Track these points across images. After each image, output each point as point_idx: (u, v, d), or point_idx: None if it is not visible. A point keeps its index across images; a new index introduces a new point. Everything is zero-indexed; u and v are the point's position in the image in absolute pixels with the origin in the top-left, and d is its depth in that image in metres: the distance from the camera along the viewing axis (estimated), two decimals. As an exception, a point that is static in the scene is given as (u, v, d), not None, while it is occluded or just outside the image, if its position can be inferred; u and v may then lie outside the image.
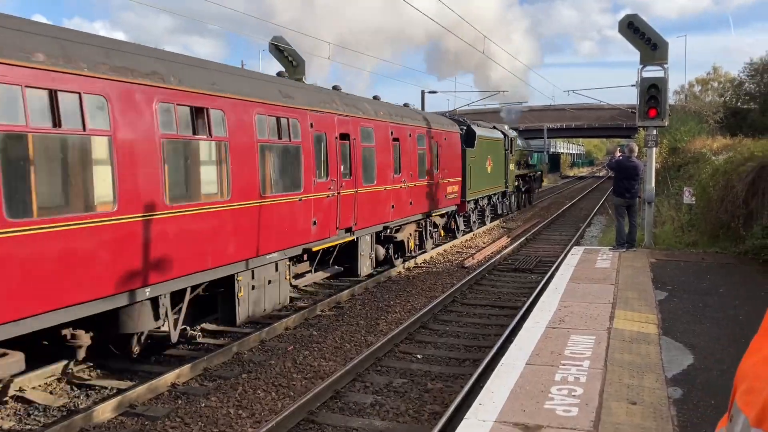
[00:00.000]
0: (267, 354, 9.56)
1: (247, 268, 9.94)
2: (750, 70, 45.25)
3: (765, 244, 12.26)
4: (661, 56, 14.41)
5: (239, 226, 9.55)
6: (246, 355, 9.48)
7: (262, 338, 10.16)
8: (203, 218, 8.78)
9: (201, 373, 8.61)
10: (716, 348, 6.77)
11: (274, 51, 17.50)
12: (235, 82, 9.95)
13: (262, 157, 10.12)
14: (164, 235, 8.01)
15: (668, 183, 24.74)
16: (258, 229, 10.04)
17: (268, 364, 8.99)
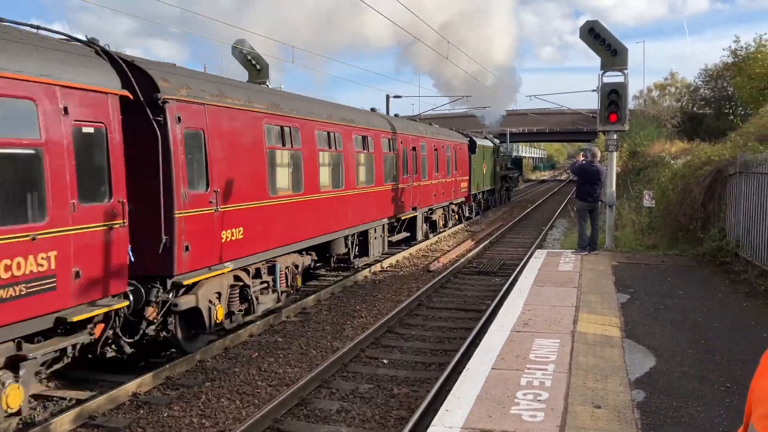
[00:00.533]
0: (231, 361, 9.42)
1: (373, 226, 16.74)
2: (705, 76, 46.42)
3: (721, 246, 12.56)
4: (621, 62, 14.67)
5: (367, 203, 16.17)
6: (210, 362, 9.33)
7: (226, 345, 10.02)
8: (359, 197, 15.50)
9: (163, 381, 8.45)
10: (677, 350, 6.89)
11: (237, 54, 17.34)
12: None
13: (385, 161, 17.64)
14: (352, 202, 15.02)
15: (629, 186, 25.21)
16: (376, 205, 17.02)
17: (233, 372, 8.86)
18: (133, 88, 7.78)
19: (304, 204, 12.40)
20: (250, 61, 16.99)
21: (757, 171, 10.87)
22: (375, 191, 16.80)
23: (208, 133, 9.09)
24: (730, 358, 6.62)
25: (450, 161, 24.96)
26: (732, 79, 39.94)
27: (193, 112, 8.78)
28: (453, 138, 26.38)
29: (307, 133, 12.59)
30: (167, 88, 8.27)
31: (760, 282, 10.29)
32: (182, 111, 8.54)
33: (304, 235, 12.46)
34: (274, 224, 11.11)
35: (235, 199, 9.69)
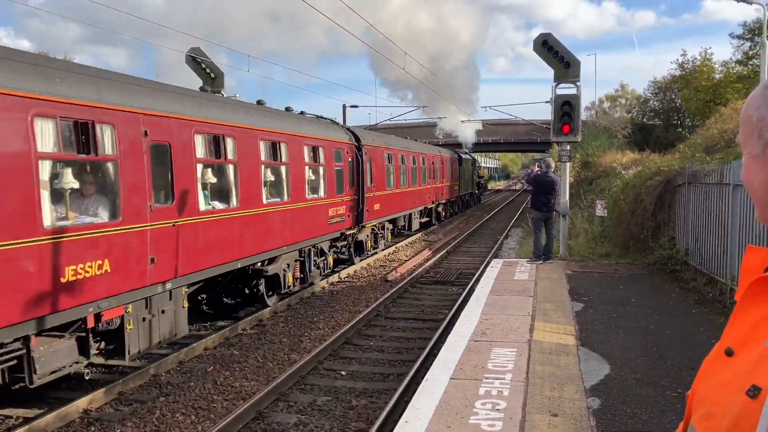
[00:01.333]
0: (186, 375, 9.24)
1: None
2: (654, 88, 47.79)
3: (671, 255, 12.90)
4: (573, 74, 14.96)
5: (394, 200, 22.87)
6: (164, 377, 9.13)
7: (181, 359, 9.82)
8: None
9: (116, 397, 8.22)
10: (630, 357, 7.01)
11: (191, 63, 17.13)
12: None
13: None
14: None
15: (581, 196, 25.70)
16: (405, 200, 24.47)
17: (188, 386, 8.68)
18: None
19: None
20: (204, 69, 16.79)
21: (705, 181, 11.20)
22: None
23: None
24: (681, 364, 6.77)
25: (448, 171, 34.55)
26: (680, 92, 41.20)
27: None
28: (449, 153, 36.29)
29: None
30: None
31: (709, 289, 10.58)
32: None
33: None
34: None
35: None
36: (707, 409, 1.13)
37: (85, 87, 7.66)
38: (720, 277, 10.16)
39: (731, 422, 1.04)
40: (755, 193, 1.21)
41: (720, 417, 1.07)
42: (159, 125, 8.85)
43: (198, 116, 9.92)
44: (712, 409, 1.11)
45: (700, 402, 1.17)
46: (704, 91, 36.33)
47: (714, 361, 1.19)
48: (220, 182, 10.89)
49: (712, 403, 1.12)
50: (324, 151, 15.44)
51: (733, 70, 35.12)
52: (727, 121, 20.63)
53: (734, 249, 9.52)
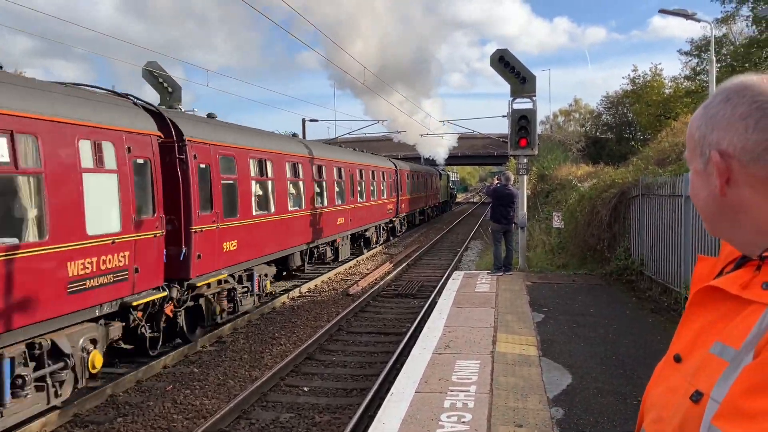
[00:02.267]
0: (144, 395, 9.03)
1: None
2: (607, 102, 49.00)
3: (627, 265, 13.17)
4: (529, 89, 15.23)
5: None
6: (121, 396, 8.91)
7: (139, 378, 9.60)
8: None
9: (71, 419, 7.99)
10: (591, 367, 7.12)
11: (147, 76, 16.88)
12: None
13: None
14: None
15: (538, 208, 26.09)
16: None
17: (146, 406, 8.49)
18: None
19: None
20: (161, 83, 16.56)
21: (658, 193, 11.50)
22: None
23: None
24: (640, 372, 6.90)
25: (438, 184, 47.32)
26: (631, 106, 42.32)
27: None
28: (433, 171, 47.26)
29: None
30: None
31: (664, 298, 10.83)
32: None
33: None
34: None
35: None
36: (657, 413, 1.18)
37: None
38: (674, 286, 10.41)
39: (677, 426, 1.09)
40: (700, 206, 1.26)
41: (667, 421, 1.13)
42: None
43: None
44: (661, 413, 1.17)
45: (652, 406, 1.22)
46: (655, 106, 37.41)
47: (664, 367, 1.25)
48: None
49: (661, 407, 1.17)
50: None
51: (682, 86, 36.26)
52: (677, 134, 21.25)
53: (687, 258, 9.78)
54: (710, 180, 1.20)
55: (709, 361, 1.09)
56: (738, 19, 31.01)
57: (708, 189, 1.21)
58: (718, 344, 1.09)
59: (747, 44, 30.45)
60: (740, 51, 30.05)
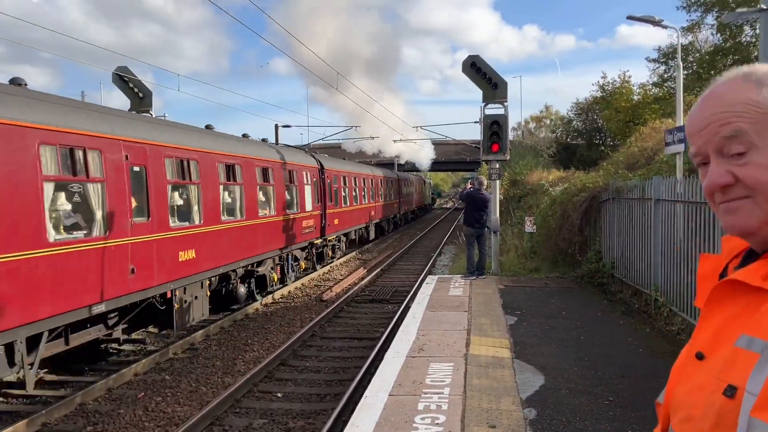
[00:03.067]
0: (115, 403, 8.89)
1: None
2: (577, 109, 49.57)
3: (598, 268, 13.33)
4: (501, 95, 15.35)
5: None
6: (91, 405, 8.75)
7: (109, 386, 9.44)
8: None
9: (39, 429, 7.83)
10: (563, 368, 7.18)
11: (118, 81, 16.69)
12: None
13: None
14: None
15: (511, 213, 26.30)
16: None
17: (117, 414, 8.36)
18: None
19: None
20: (132, 88, 16.39)
21: (628, 197, 11.66)
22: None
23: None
24: (612, 373, 6.98)
25: (421, 189, 54.44)
26: (601, 112, 42.86)
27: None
28: (420, 179, 55.40)
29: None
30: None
31: (635, 301, 10.97)
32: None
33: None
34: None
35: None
36: (686, 412, 1.16)
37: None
38: (645, 288, 10.55)
39: (713, 423, 1.07)
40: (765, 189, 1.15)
41: (700, 419, 1.10)
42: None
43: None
44: (690, 412, 1.14)
45: (678, 406, 1.20)
46: (623, 112, 37.91)
47: (685, 366, 1.22)
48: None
49: (690, 406, 1.14)
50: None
51: (650, 92, 36.81)
52: (646, 139, 21.57)
53: (657, 261, 9.92)
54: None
55: (737, 355, 1.08)
56: (704, 27, 31.66)
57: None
58: (744, 337, 1.08)
59: (712, 52, 31.09)
60: (706, 58, 30.66)
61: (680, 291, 8.85)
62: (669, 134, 11.53)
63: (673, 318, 9.03)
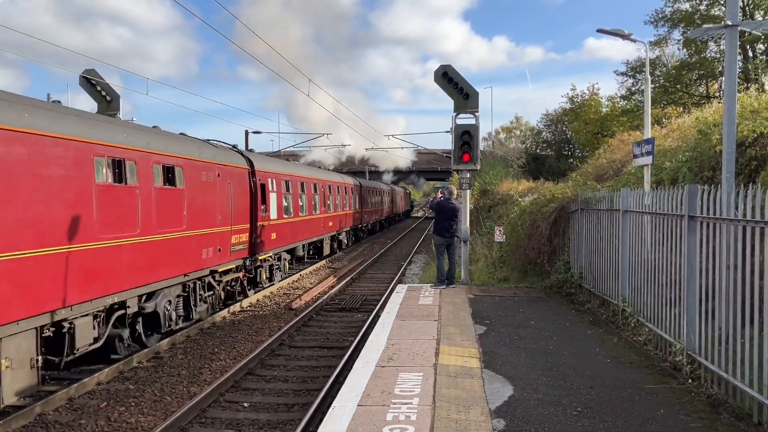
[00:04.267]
0: (76, 413, 8.66)
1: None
2: (547, 120, 50.22)
3: (566, 278, 13.42)
4: (472, 105, 15.43)
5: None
6: (51, 415, 8.52)
7: (71, 395, 9.21)
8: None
9: (-5, 441, 7.59)
10: (532, 378, 7.18)
11: (85, 85, 16.41)
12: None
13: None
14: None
15: (481, 223, 26.43)
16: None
17: (78, 425, 8.15)
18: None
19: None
20: (99, 91, 16.12)
21: (596, 208, 11.77)
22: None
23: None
24: (580, 383, 7.00)
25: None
26: (570, 124, 43.45)
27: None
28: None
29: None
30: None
31: (602, 311, 11.06)
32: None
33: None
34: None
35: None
36: None
37: None
38: (612, 298, 10.63)
39: None
40: None
41: None
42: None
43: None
44: None
45: None
46: (592, 124, 38.50)
47: None
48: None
49: None
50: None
51: (619, 105, 37.41)
52: (614, 151, 21.91)
53: (625, 272, 10.01)
54: None
55: None
56: (670, 42, 32.31)
57: None
58: None
59: (678, 66, 31.72)
60: (672, 73, 31.26)
61: (647, 301, 8.93)
62: (637, 146, 11.69)
63: (640, 328, 9.10)
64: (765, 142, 10.15)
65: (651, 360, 8.03)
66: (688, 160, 11.44)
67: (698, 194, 7.18)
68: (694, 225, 7.28)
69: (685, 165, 11.38)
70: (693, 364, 7.14)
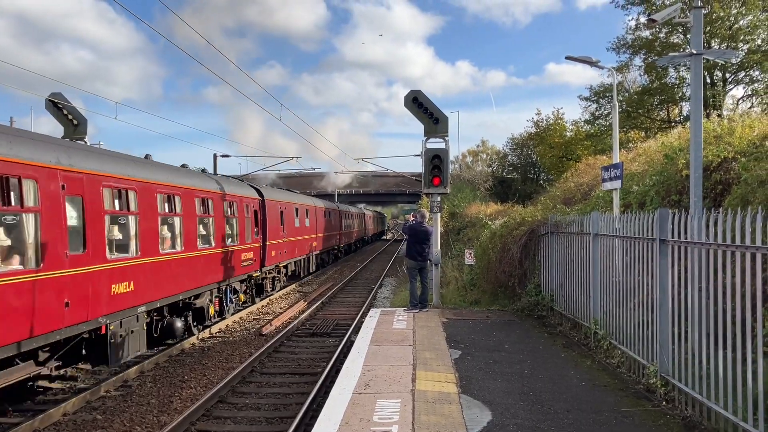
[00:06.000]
0: (41, 447, 8.39)
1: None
2: (512, 144, 50.89)
3: (538, 301, 13.52)
4: (442, 129, 15.58)
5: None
6: (15, 450, 8.24)
7: (35, 427, 8.93)
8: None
9: (-44, 477, 7.30)
10: (510, 403, 7.18)
11: (51, 108, 16.14)
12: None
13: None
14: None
15: (450, 245, 26.53)
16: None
17: (43, 459, 7.88)
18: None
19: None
20: (66, 115, 15.86)
21: (566, 231, 11.91)
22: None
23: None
24: (557, 407, 7.02)
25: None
26: (535, 147, 44.09)
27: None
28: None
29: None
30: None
31: (574, 333, 11.14)
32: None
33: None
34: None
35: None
36: None
37: None
38: (584, 321, 10.73)
39: None
40: None
41: None
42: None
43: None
44: None
45: None
46: (557, 148, 39.12)
47: None
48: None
49: None
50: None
51: (583, 129, 38.11)
52: (582, 175, 22.26)
53: (596, 294, 10.13)
54: None
55: None
56: (632, 68, 33.09)
57: None
58: None
59: (641, 92, 32.49)
60: (634, 98, 32.00)
61: (619, 324, 9.03)
62: (605, 171, 11.90)
63: (613, 351, 9.19)
64: (729, 166, 10.44)
65: (625, 382, 8.10)
66: (655, 184, 11.68)
67: (669, 218, 7.33)
68: (666, 248, 7.41)
69: (653, 189, 11.62)
70: (667, 386, 7.23)
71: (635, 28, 31.74)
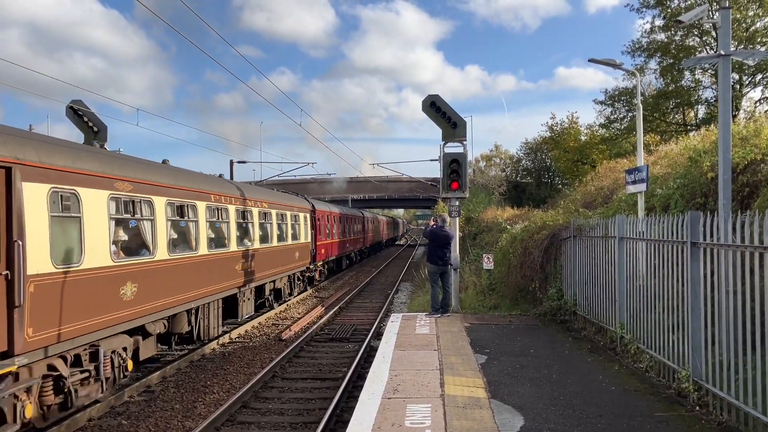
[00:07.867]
0: (69, 452, 8.40)
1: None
2: (526, 148, 50.74)
3: (560, 305, 13.41)
4: (460, 134, 15.53)
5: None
6: (43, 455, 8.25)
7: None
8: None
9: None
10: (541, 408, 7.11)
11: (71, 115, 16.24)
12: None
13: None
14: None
15: (467, 250, 26.44)
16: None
17: (72, 464, 7.88)
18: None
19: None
20: (86, 122, 15.96)
21: (590, 234, 11.82)
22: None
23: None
24: (589, 412, 6.94)
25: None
26: (550, 152, 43.93)
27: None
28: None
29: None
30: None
31: (599, 338, 11.04)
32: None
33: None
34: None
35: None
36: None
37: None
38: (609, 325, 10.63)
39: None
40: None
41: None
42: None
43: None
44: None
45: None
46: (572, 152, 38.94)
47: None
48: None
49: None
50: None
51: (597, 133, 37.93)
52: (602, 179, 22.11)
53: (622, 298, 10.03)
54: None
55: None
56: (647, 71, 32.88)
57: None
58: None
59: (656, 95, 32.30)
60: (650, 101, 31.81)
61: (646, 328, 8.93)
62: (629, 174, 11.81)
63: (641, 355, 9.08)
64: (756, 168, 10.31)
65: (655, 387, 8.00)
66: (679, 186, 11.56)
67: (700, 221, 7.24)
68: (697, 251, 7.32)
69: (677, 192, 11.50)
70: (700, 391, 7.13)
71: (650, 30, 31.62)
